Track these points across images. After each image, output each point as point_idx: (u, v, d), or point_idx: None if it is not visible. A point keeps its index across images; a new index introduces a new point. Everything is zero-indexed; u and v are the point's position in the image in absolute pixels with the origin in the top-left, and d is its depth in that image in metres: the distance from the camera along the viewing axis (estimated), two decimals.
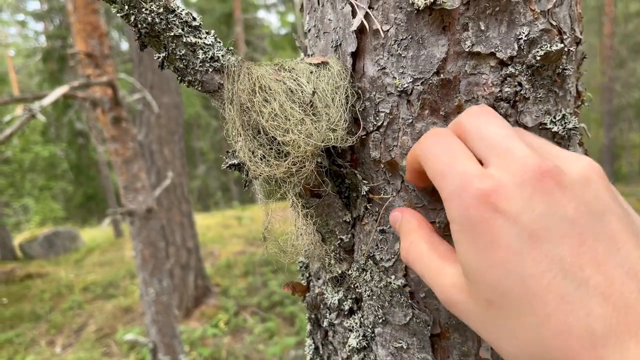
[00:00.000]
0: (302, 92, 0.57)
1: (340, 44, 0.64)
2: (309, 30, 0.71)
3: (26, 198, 16.58)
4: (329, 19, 0.65)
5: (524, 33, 0.58)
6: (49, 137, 15.54)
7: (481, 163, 0.43)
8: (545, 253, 0.36)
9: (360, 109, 0.62)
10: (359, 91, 0.62)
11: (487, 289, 0.39)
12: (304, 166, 0.55)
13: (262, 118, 0.55)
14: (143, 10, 0.54)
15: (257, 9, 20.81)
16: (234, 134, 0.58)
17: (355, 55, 0.62)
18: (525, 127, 0.60)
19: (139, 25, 0.55)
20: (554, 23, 0.59)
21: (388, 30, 0.58)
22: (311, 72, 0.60)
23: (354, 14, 0.60)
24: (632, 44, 18.37)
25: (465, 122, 0.47)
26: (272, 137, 0.56)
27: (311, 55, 0.71)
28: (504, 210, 0.37)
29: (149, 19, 0.55)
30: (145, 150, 7.19)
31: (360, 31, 0.61)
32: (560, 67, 0.60)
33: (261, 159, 0.56)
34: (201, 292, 7.82)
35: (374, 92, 0.61)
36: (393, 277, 0.62)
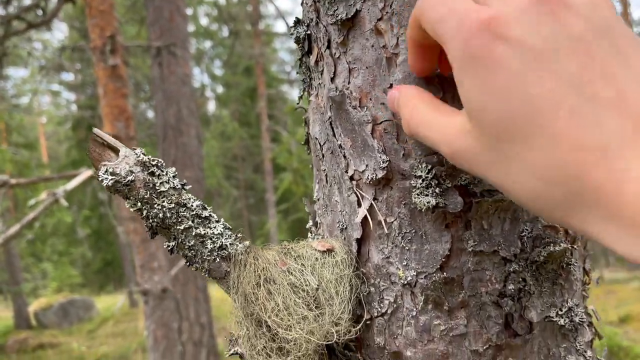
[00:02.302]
0: (306, 285, 0.57)
1: (346, 227, 0.65)
2: (318, 200, 0.73)
3: (45, 263, 16.71)
4: (336, 200, 0.67)
5: (527, 230, 0.58)
6: (71, 203, 15.80)
7: None
8: (552, 71, 0.34)
9: (365, 293, 0.63)
10: (364, 276, 0.63)
11: (493, 122, 0.37)
12: None
13: (265, 313, 0.56)
14: (155, 205, 0.57)
15: (281, 83, 21.52)
16: (237, 323, 0.58)
17: (361, 241, 0.63)
18: (531, 323, 0.59)
19: (151, 220, 0.57)
20: None
21: (392, 223, 0.60)
22: (316, 259, 0.61)
23: (359, 203, 0.62)
24: None
25: None
26: (275, 332, 0.56)
27: (320, 224, 0.73)
28: (506, 36, 0.35)
29: (161, 214, 0.57)
30: None
31: (365, 218, 0.62)
32: (565, 261, 0.60)
33: (262, 353, 0.56)
34: None
35: (379, 279, 0.62)
36: None
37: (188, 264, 0.60)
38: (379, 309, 0.62)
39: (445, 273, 0.58)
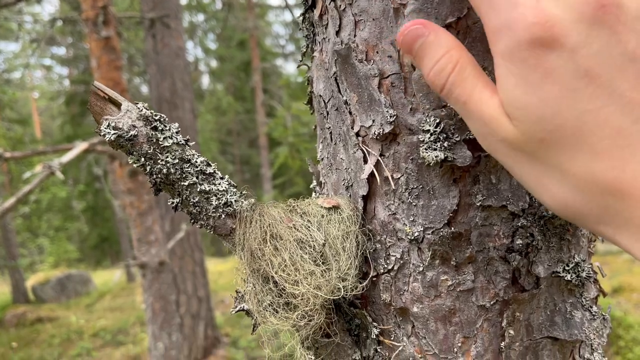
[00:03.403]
0: (312, 241, 0.57)
1: (351, 185, 0.64)
2: (322, 159, 0.72)
3: (41, 238, 16.72)
4: (341, 158, 0.66)
5: None
6: (66, 179, 15.72)
7: None
8: (602, 89, 0.35)
9: (371, 250, 0.62)
10: (370, 233, 0.62)
11: (537, 127, 0.37)
12: (313, 319, 0.55)
13: (272, 269, 0.55)
14: (159, 161, 0.56)
15: (276, 56, 21.27)
16: (243, 279, 0.58)
17: (367, 198, 0.62)
18: (538, 278, 0.59)
19: (154, 175, 0.56)
20: None
21: (399, 179, 0.59)
22: (322, 216, 0.60)
23: (365, 159, 0.61)
24: None
25: None
26: (282, 287, 0.56)
27: (324, 184, 0.72)
28: (560, 44, 0.35)
29: (164, 170, 0.56)
30: (161, 198, 7.25)
31: (372, 174, 0.61)
32: None
33: (269, 309, 0.56)
34: (210, 343, 7.71)
35: (385, 236, 0.61)
36: None
37: (193, 221, 0.60)
38: (385, 266, 0.62)
39: (452, 228, 0.57)
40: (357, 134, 0.62)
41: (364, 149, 0.61)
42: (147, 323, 4.82)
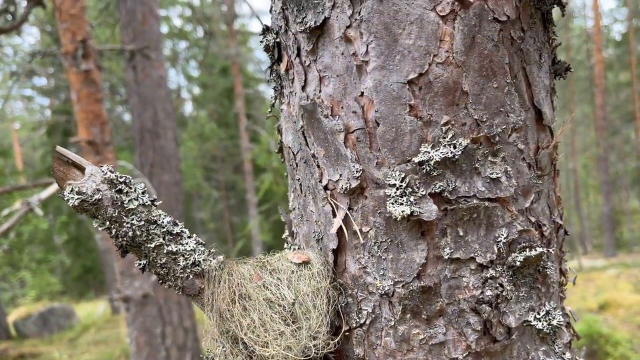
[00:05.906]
0: (282, 300, 0.56)
1: (322, 238, 0.64)
2: (294, 209, 0.72)
3: (23, 271, 16.36)
4: (311, 210, 0.66)
5: (502, 235, 0.58)
6: (48, 211, 15.49)
7: None
8: None
9: (343, 304, 0.62)
10: (341, 287, 0.62)
11: None
12: None
13: (241, 330, 0.55)
14: (124, 224, 0.55)
15: (258, 82, 21.35)
16: (212, 340, 0.57)
17: (337, 251, 0.62)
18: (509, 328, 0.59)
19: (120, 238, 0.56)
20: (533, 219, 0.60)
21: (368, 232, 0.59)
22: (292, 272, 0.60)
23: (334, 213, 0.61)
24: (624, 113, 18.72)
25: None
26: (252, 349, 0.55)
27: (296, 234, 0.72)
28: None
29: (130, 232, 0.55)
30: None
31: (341, 228, 0.61)
32: (541, 264, 0.60)
33: None
34: None
35: (356, 290, 0.61)
36: None
37: (161, 282, 0.59)
38: (358, 320, 0.61)
39: (422, 282, 0.57)
40: (326, 188, 0.62)
41: (332, 202, 0.61)
42: (132, 358, 4.72)
